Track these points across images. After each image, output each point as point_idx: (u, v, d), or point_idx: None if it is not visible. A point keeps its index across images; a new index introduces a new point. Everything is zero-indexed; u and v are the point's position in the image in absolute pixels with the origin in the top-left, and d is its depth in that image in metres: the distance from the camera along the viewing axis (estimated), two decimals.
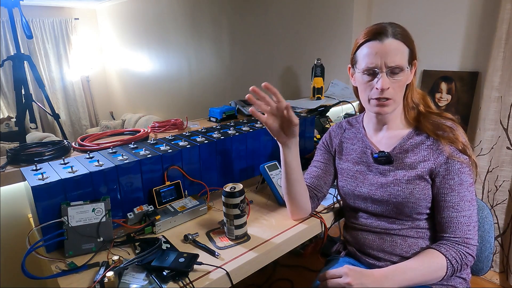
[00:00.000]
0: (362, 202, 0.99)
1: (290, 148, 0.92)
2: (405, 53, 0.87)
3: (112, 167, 0.95)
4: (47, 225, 0.84)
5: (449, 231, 0.87)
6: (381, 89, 0.86)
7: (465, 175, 0.87)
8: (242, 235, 0.93)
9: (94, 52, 5.42)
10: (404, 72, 0.87)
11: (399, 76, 0.87)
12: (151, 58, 4.38)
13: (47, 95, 2.78)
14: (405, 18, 2.01)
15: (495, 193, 1.76)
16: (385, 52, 0.85)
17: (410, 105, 0.95)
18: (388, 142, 0.97)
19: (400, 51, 0.86)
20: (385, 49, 0.85)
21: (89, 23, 5.35)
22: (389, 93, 0.87)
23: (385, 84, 0.86)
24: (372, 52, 0.86)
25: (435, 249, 0.87)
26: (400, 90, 0.89)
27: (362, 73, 0.89)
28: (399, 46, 0.86)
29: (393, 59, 0.85)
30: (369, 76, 0.88)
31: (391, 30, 0.86)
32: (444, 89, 1.93)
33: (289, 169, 0.94)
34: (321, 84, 2.08)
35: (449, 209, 0.87)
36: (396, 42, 0.86)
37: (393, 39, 0.85)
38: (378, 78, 0.87)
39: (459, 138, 0.88)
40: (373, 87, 0.88)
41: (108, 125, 4.71)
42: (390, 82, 0.87)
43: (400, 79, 0.87)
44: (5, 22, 4.42)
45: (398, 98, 0.90)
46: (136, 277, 0.78)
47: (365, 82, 0.90)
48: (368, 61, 0.87)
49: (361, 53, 0.89)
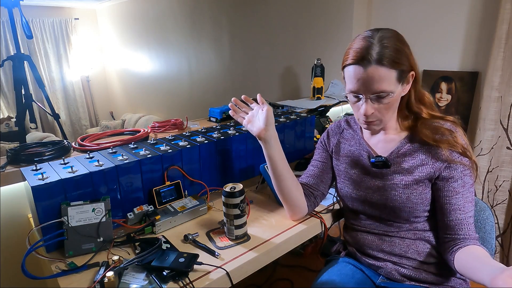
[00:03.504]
0: (360, 205, 0.99)
1: (268, 142, 0.95)
2: (392, 77, 0.82)
3: (112, 167, 0.95)
4: (47, 225, 0.84)
5: (462, 232, 0.86)
6: (363, 114, 0.86)
7: (467, 177, 0.87)
8: (242, 235, 0.93)
9: (94, 52, 5.42)
10: (389, 96, 0.84)
11: (385, 99, 0.84)
12: (151, 58, 4.38)
13: (47, 95, 2.78)
14: (405, 18, 2.01)
15: (495, 193, 1.75)
16: (367, 80, 0.82)
17: (404, 115, 0.94)
18: (385, 146, 0.96)
19: (385, 77, 0.81)
20: (367, 77, 0.81)
21: (89, 23, 5.35)
22: (374, 116, 0.87)
23: (368, 110, 0.85)
24: (356, 77, 0.83)
25: (478, 246, 0.84)
26: (386, 111, 0.87)
27: (348, 93, 0.89)
28: (383, 73, 0.81)
29: (377, 86, 0.82)
30: (355, 98, 0.87)
31: (375, 55, 0.80)
32: (444, 89, 1.93)
33: (273, 163, 0.97)
34: (321, 84, 2.08)
35: (456, 212, 0.87)
36: (379, 69, 0.80)
37: (377, 66, 0.80)
38: (361, 103, 0.86)
39: (458, 141, 0.87)
40: (359, 108, 0.88)
41: (108, 125, 4.71)
42: (375, 106, 0.85)
43: (386, 103, 0.85)
44: (5, 22, 4.42)
45: (386, 117, 0.89)
46: (136, 277, 0.78)
47: (352, 103, 0.90)
48: (351, 86, 0.86)
49: (346, 73, 0.87)
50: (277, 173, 0.98)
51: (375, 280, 0.97)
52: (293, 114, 1.50)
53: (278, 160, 0.97)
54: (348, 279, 0.96)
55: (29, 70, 2.60)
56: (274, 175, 0.99)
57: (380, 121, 0.89)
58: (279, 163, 0.97)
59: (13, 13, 2.36)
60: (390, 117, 0.91)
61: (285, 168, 0.99)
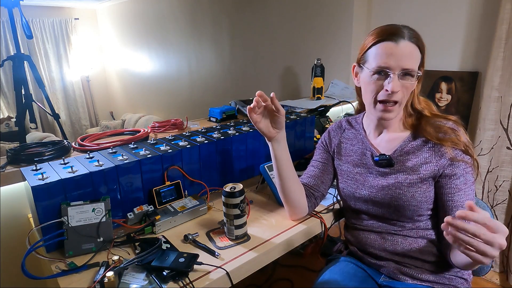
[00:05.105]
0: (363, 204, 0.99)
1: (279, 142, 0.94)
2: (418, 58, 0.86)
3: (112, 167, 0.95)
4: (47, 225, 0.84)
5: None
6: (391, 91, 0.84)
7: (469, 174, 0.88)
8: (242, 235, 0.93)
9: (94, 52, 5.42)
10: (414, 77, 0.86)
11: (410, 80, 0.85)
12: (151, 58, 4.38)
13: (47, 95, 2.78)
14: (405, 18, 2.01)
15: (495, 193, 1.76)
16: (400, 54, 0.83)
17: (408, 112, 0.95)
18: (388, 144, 0.96)
19: (414, 55, 0.85)
20: (400, 51, 0.83)
21: (89, 23, 5.35)
22: (398, 96, 0.86)
23: (396, 87, 0.84)
24: (386, 52, 0.84)
25: None
26: (407, 94, 0.88)
27: (372, 73, 0.87)
28: (414, 50, 0.84)
29: (407, 62, 0.83)
30: (379, 76, 0.86)
31: (406, 32, 0.84)
32: (444, 89, 1.93)
33: (280, 164, 0.96)
34: (321, 84, 2.08)
35: (458, 208, 0.87)
36: (411, 45, 0.84)
37: (409, 42, 0.83)
38: (389, 80, 0.84)
39: (461, 139, 0.88)
40: (381, 89, 0.86)
41: (108, 125, 4.71)
42: (400, 85, 0.85)
43: (409, 84, 0.86)
44: (5, 22, 4.42)
45: (404, 102, 0.89)
46: (136, 277, 0.78)
47: (374, 82, 0.87)
48: (380, 60, 0.84)
49: (372, 52, 0.87)
50: (282, 174, 0.97)
51: (377, 279, 0.97)
52: (293, 114, 1.50)
53: (284, 161, 0.96)
54: (350, 278, 0.96)
55: (29, 70, 2.60)
56: (279, 176, 0.98)
57: (399, 105, 0.88)
58: (286, 165, 0.96)
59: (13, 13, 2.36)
60: (403, 104, 0.90)
61: (291, 170, 0.98)
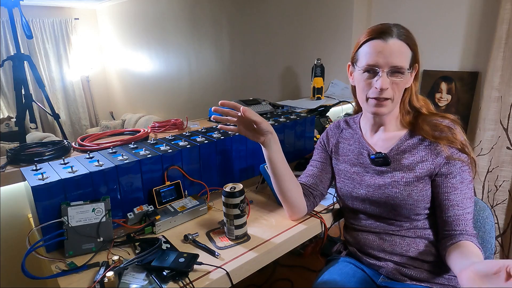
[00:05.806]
0: (361, 204, 0.99)
1: (270, 146, 0.95)
2: (408, 56, 0.87)
3: (112, 167, 0.95)
4: (47, 225, 0.84)
5: (458, 228, 0.87)
6: (380, 88, 0.86)
7: (465, 173, 0.88)
8: (242, 235, 0.93)
9: (94, 52, 5.42)
10: (404, 74, 0.86)
11: (399, 77, 0.86)
12: (151, 58, 4.38)
13: (47, 95, 2.78)
14: (405, 18, 2.01)
15: (495, 193, 1.76)
16: (388, 51, 0.84)
17: (406, 109, 0.95)
18: (384, 143, 0.97)
19: (403, 52, 0.86)
20: (388, 48, 0.84)
21: (89, 23, 5.35)
22: (388, 94, 0.87)
23: (384, 84, 0.85)
24: (375, 50, 0.86)
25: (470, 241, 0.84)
26: (398, 91, 0.89)
27: (362, 71, 0.89)
28: (402, 48, 0.86)
29: (395, 60, 0.85)
30: (369, 74, 0.88)
31: (396, 31, 0.85)
32: (444, 89, 1.93)
33: (273, 165, 0.97)
34: (321, 84, 2.08)
35: (454, 208, 0.87)
36: (399, 43, 0.85)
37: (397, 40, 0.85)
38: (378, 77, 0.86)
39: (457, 137, 0.88)
40: (371, 86, 0.88)
41: (108, 125, 4.71)
42: (390, 82, 0.86)
43: (400, 81, 0.87)
44: (5, 22, 4.42)
45: (396, 99, 0.90)
46: (136, 277, 0.78)
47: (364, 80, 0.89)
48: (369, 59, 0.86)
49: (363, 51, 0.89)
50: (277, 174, 0.98)
51: (376, 280, 0.97)
52: (293, 114, 1.50)
53: (278, 161, 0.97)
54: (349, 278, 0.96)
55: (29, 70, 2.60)
56: (274, 176, 0.99)
57: (391, 101, 0.89)
58: (279, 165, 0.97)
59: (13, 13, 2.36)
60: (397, 102, 0.92)
61: (285, 169, 0.99)
